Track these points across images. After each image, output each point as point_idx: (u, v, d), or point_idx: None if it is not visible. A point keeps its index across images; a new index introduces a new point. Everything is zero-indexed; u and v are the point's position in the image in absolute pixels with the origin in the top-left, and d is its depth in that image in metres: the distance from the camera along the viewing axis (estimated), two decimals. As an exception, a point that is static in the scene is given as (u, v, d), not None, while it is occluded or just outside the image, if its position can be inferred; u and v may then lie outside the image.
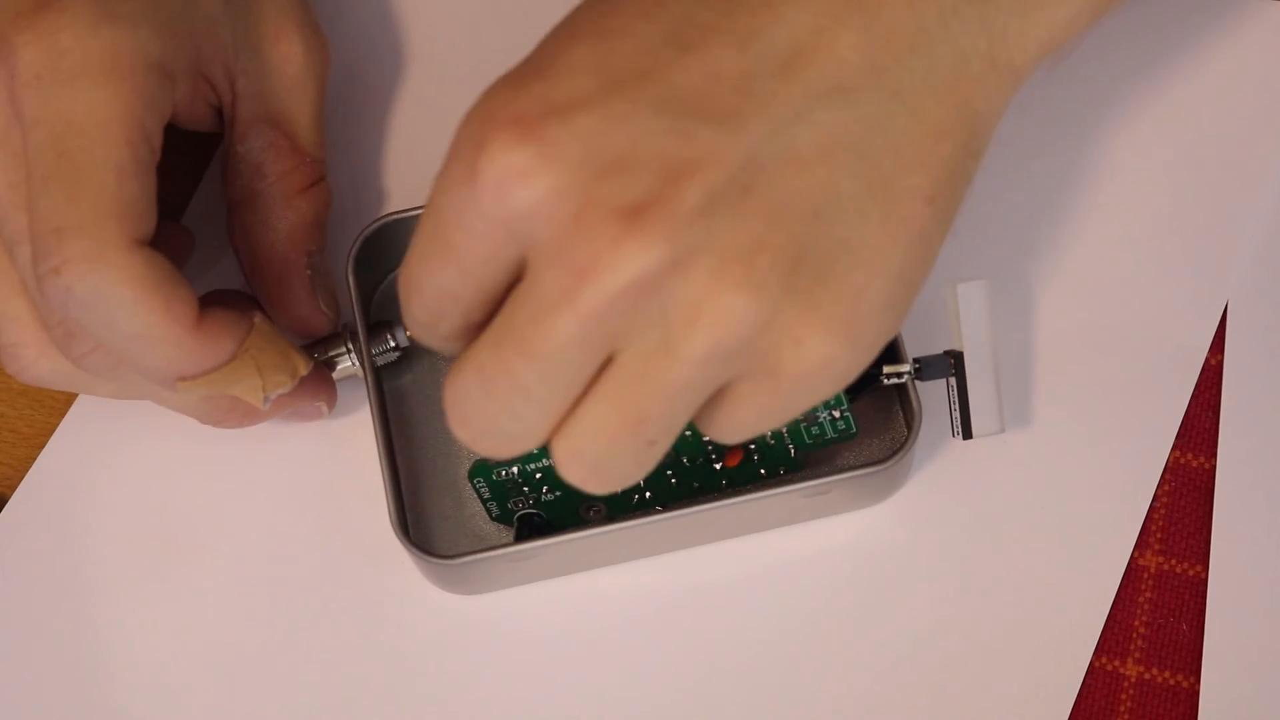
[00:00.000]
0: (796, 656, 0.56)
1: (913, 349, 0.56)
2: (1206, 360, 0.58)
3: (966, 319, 0.54)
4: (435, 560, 0.54)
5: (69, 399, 0.59)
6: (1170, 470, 0.57)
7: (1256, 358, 0.58)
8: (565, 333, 0.43)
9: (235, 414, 0.54)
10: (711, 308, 0.43)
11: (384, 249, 0.58)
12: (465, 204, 0.44)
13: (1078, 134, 0.61)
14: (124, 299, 0.50)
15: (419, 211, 0.56)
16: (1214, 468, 0.57)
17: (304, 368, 0.54)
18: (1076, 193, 0.60)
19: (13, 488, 0.59)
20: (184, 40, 0.53)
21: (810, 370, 0.44)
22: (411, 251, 0.46)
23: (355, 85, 0.63)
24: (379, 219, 0.57)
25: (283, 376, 0.53)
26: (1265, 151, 0.60)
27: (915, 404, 0.54)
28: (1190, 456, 0.57)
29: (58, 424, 0.59)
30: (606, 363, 0.44)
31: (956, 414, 0.54)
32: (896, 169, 0.45)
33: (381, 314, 0.59)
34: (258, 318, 0.53)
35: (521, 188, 0.43)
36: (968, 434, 0.54)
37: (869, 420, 0.57)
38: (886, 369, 0.54)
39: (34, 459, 0.59)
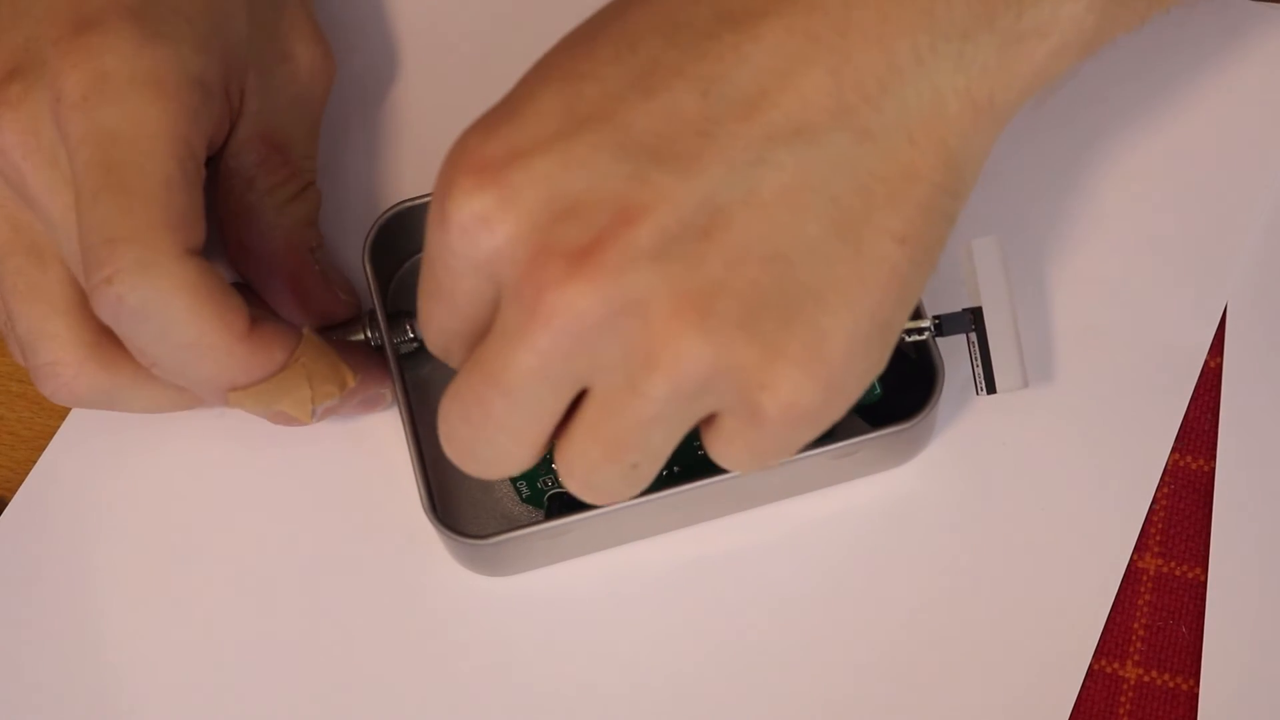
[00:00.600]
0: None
1: (931, 308, 0.56)
2: (1206, 362, 0.58)
3: (983, 274, 0.54)
4: (469, 541, 0.54)
5: (68, 401, 0.60)
6: (1169, 472, 0.57)
7: (1256, 360, 0.58)
8: (526, 367, 0.44)
9: (283, 419, 0.54)
10: (667, 350, 0.44)
11: (400, 236, 0.59)
12: (441, 249, 0.45)
13: (1075, 137, 0.61)
14: (176, 307, 0.50)
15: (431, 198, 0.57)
16: (1213, 470, 0.57)
17: (351, 380, 0.54)
18: (1075, 196, 0.60)
19: (13, 490, 0.59)
20: (218, 58, 0.53)
21: (782, 415, 0.45)
22: (418, 288, 0.47)
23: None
24: (393, 206, 0.58)
25: (331, 387, 0.54)
26: (1264, 154, 0.60)
27: (937, 361, 0.55)
28: (1189, 459, 0.58)
29: (58, 426, 0.59)
30: (585, 392, 0.45)
31: (979, 369, 0.55)
32: (866, 210, 0.45)
33: (399, 303, 0.59)
34: (306, 328, 0.53)
35: (484, 234, 0.44)
36: (991, 389, 0.55)
37: (890, 385, 0.57)
38: (907, 325, 0.55)
39: (34, 461, 0.59)
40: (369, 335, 0.58)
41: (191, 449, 0.59)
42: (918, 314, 0.55)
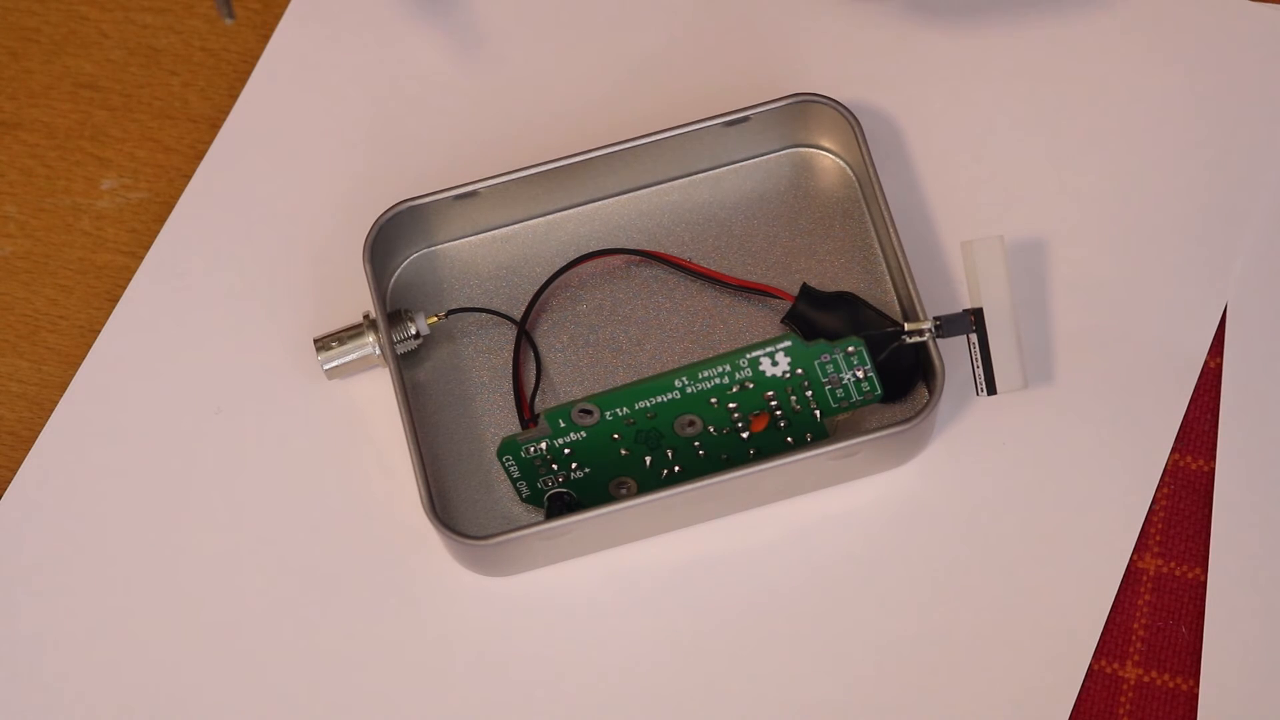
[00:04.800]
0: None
1: (932, 309, 0.57)
2: (1206, 363, 0.58)
3: (983, 275, 0.55)
4: (469, 542, 0.54)
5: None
6: (1169, 473, 0.57)
7: (1255, 360, 0.58)
8: None
9: None
10: None
11: (400, 236, 0.59)
12: None
13: (1075, 137, 0.61)
14: None
15: (433, 198, 0.57)
16: (1213, 470, 0.57)
17: None
18: (1075, 196, 0.60)
19: (13, 491, 0.59)
20: None
21: None
22: None
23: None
24: (393, 206, 0.58)
25: None
26: (1264, 154, 0.60)
27: (938, 363, 0.55)
28: (1189, 459, 0.58)
29: (57, 426, 0.59)
30: None
31: (979, 370, 0.55)
32: None
33: (399, 303, 0.59)
34: None
35: None
36: (991, 390, 0.55)
37: (890, 389, 0.57)
38: (908, 326, 0.55)
39: (33, 462, 0.59)
40: (369, 335, 0.58)
41: (187, 448, 0.59)
42: (920, 315, 0.55)
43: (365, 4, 0.64)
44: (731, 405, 0.56)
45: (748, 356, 0.55)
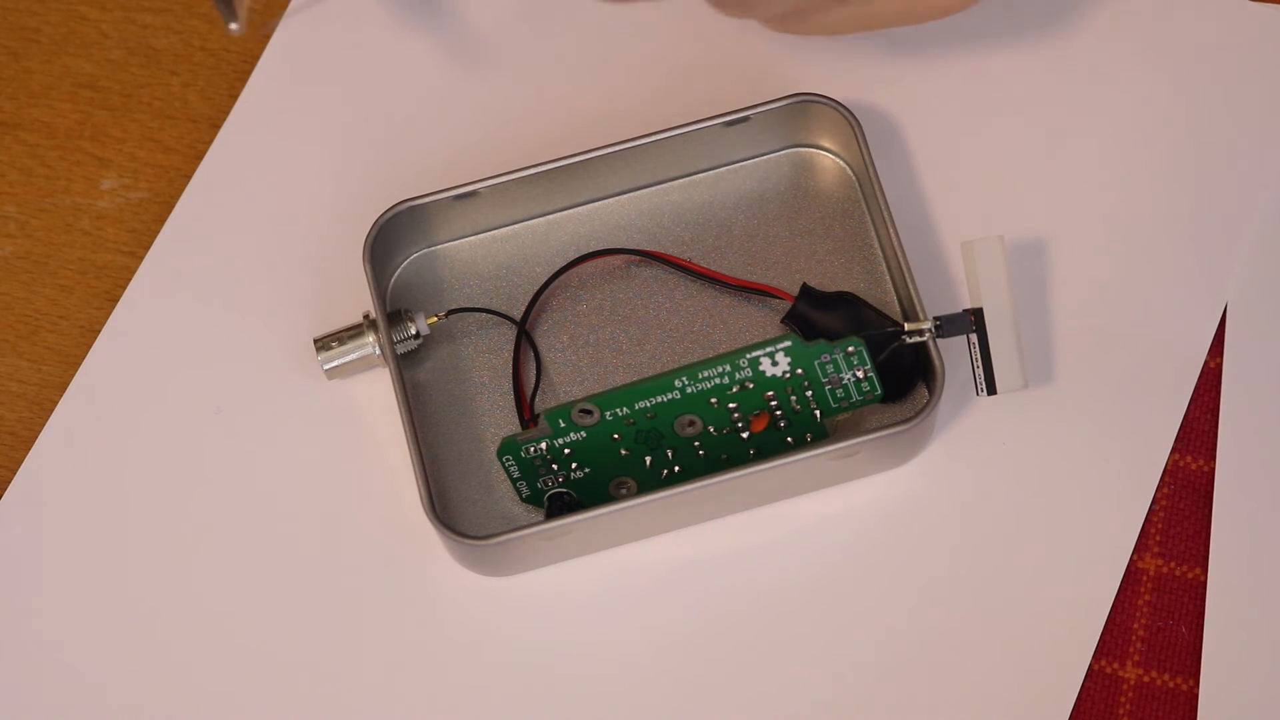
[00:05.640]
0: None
1: (932, 309, 0.57)
2: (1206, 363, 0.58)
3: (983, 275, 0.55)
4: (469, 542, 0.54)
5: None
6: (1169, 473, 0.57)
7: (1256, 360, 0.58)
8: None
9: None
10: None
11: (400, 236, 0.59)
12: None
13: (1075, 137, 0.61)
14: None
15: (433, 198, 0.58)
16: (1213, 470, 0.57)
17: None
18: (1075, 196, 0.60)
19: (13, 491, 0.59)
20: None
21: None
22: None
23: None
24: (393, 206, 0.58)
25: None
26: (1264, 154, 0.60)
27: (938, 363, 0.55)
28: (1189, 459, 0.58)
29: (57, 426, 0.59)
30: None
31: (979, 370, 0.55)
32: None
33: (399, 303, 0.59)
34: None
35: None
36: (991, 390, 0.55)
37: (890, 389, 0.57)
38: (908, 326, 0.55)
39: (34, 462, 0.59)
40: (370, 335, 0.58)
41: (187, 448, 0.59)
42: (919, 315, 0.55)
43: (365, 4, 0.64)
44: (731, 405, 0.56)
45: (748, 356, 0.55)
